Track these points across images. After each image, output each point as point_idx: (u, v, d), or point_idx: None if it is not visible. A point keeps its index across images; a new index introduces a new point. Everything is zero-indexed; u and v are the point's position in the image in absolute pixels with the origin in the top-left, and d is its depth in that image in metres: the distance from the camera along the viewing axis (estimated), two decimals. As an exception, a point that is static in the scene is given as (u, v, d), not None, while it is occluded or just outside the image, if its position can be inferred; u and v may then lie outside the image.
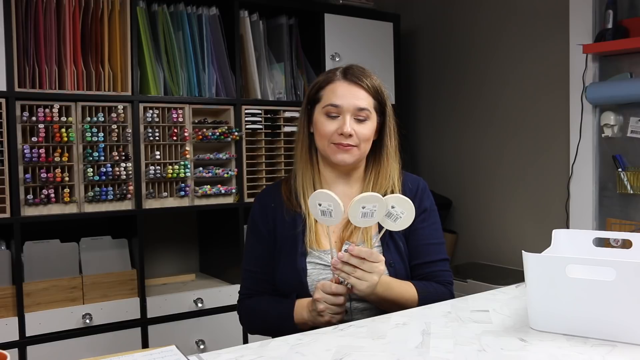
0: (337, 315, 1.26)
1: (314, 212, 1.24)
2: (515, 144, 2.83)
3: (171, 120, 2.31)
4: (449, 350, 0.98)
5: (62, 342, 2.11)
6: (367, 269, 1.22)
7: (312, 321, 1.29)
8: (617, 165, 2.37)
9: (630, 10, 2.34)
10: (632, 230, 2.32)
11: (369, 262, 1.22)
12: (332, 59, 2.71)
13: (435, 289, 1.39)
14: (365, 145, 1.40)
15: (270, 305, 1.39)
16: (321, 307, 1.24)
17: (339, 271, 1.22)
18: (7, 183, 2.01)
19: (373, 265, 1.22)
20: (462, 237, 3.12)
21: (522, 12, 2.77)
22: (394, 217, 1.23)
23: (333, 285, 1.25)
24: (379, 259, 1.23)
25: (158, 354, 0.99)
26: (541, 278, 1.04)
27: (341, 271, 1.22)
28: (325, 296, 1.25)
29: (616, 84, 2.32)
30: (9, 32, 2.00)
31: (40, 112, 2.05)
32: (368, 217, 1.22)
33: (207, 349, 2.36)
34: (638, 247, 1.21)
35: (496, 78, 2.91)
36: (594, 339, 1.01)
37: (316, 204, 1.22)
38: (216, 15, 2.47)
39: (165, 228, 2.70)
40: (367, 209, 1.21)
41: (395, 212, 1.23)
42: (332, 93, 1.38)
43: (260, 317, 1.41)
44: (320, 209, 1.22)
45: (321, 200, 1.22)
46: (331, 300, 1.24)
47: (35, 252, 2.11)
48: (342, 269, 1.22)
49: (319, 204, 1.22)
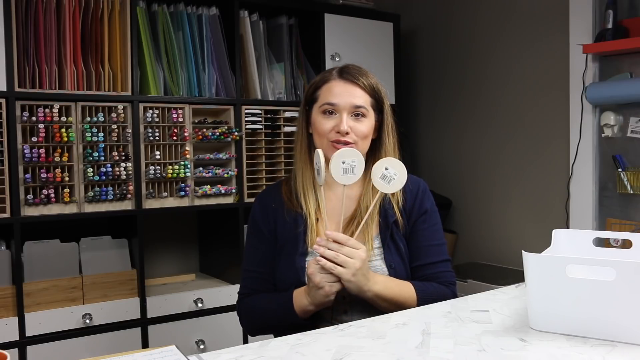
0: (334, 284, 1.26)
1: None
2: (515, 144, 2.83)
3: (171, 120, 2.31)
4: (449, 350, 0.98)
5: (62, 342, 2.11)
6: (347, 253, 1.24)
7: (313, 302, 1.29)
8: (617, 165, 2.37)
9: (630, 10, 2.34)
10: (632, 230, 2.32)
11: (347, 247, 1.25)
12: (332, 59, 2.71)
13: (436, 289, 1.39)
14: (364, 143, 1.40)
15: (269, 300, 1.39)
16: (317, 280, 1.25)
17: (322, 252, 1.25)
18: (7, 183, 2.01)
19: (352, 251, 1.25)
20: (462, 237, 3.12)
21: (522, 12, 2.77)
22: (387, 179, 1.27)
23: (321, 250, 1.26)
24: (358, 245, 1.26)
25: (158, 354, 0.99)
26: (541, 278, 1.04)
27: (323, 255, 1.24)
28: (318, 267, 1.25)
29: (616, 84, 2.32)
30: (9, 32, 2.00)
31: (40, 112, 2.05)
32: (349, 173, 1.27)
33: (207, 349, 2.36)
34: (638, 247, 1.21)
35: (496, 78, 2.91)
36: (594, 339, 1.01)
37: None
38: (216, 15, 2.47)
39: (165, 228, 2.70)
40: (347, 164, 1.26)
41: (388, 173, 1.26)
42: (329, 92, 1.39)
43: (260, 313, 1.41)
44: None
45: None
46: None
47: (35, 252, 2.11)
48: (324, 253, 1.24)
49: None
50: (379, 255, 1.39)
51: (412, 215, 1.43)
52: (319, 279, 1.25)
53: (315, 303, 1.29)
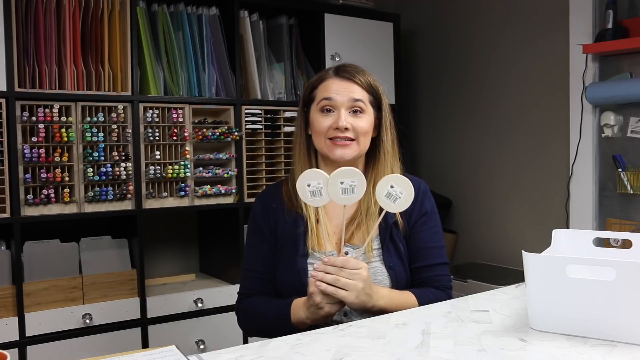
0: (335, 305, 1.24)
1: (303, 195, 1.22)
2: (515, 143, 2.83)
3: (171, 120, 2.31)
4: (449, 350, 0.98)
5: (62, 342, 2.11)
6: (347, 276, 1.22)
7: (311, 318, 1.27)
8: (617, 165, 2.37)
9: (630, 10, 2.34)
10: (632, 230, 2.32)
11: (347, 270, 1.22)
12: (332, 59, 2.71)
13: (435, 296, 1.39)
14: (364, 139, 1.38)
15: (267, 305, 1.38)
16: (318, 300, 1.23)
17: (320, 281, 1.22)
18: (7, 183, 2.01)
19: (352, 272, 1.22)
20: (462, 237, 3.12)
21: (522, 12, 2.77)
22: (393, 198, 1.21)
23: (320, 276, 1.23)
24: (358, 265, 1.23)
25: (158, 354, 0.99)
26: (541, 278, 1.04)
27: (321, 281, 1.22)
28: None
29: (616, 84, 2.32)
30: (9, 32, 2.00)
31: (40, 112, 2.05)
32: (349, 194, 1.20)
33: (207, 349, 2.36)
34: (638, 247, 1.21)
35: (496, 78, 2.91)
36: (594, 339, 1.01)
37: (305, 184, 1.21)
38: (216, 15, 2.47)
39: (165, 228, 2.70)
40: (346, 184, 1.19)
41: (394, 192, 1.20)
42: (325, 90, 1.38)
43: (257, 317, 1.40)
44: (309, 189, 1.21)
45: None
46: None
47: (35, 252, 2.11)
48: (323, 278, 1.21)
49: (308, 185, 1.21)
50: (378, 256, 1.38)
51: (412, 217, 1.43)
52: (320, 299, 1.23)
53: (313, 319, 1.28)
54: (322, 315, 1.25)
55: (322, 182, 1.20)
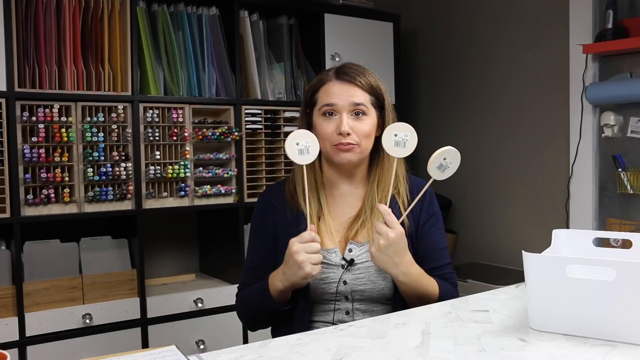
0: (316, 265, 1.26)
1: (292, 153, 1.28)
2: (515, 143, 2.83)
3: (171, 120, 2.31)
4: (449, 350, 0.98)
5: (62, 342, 2.11)
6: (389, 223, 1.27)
7: (287, 279, 1.28)
8: (617, 165, 2.37)
9: (630, 10, 2.34)
10: (632, 230, 2.32)
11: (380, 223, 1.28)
12: (332, 59, 2.71)
13: (451, 290, 1.41)
14: (367, 142, 1.39)
15: (253, 288, 1.40)
16: (301, 258, 1.24)
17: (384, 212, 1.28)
18: (7, 183, 2.01)
19: (383, 228, 1.26)
20: (462, 237, 3.12)
21: (522, 12, 2.77)
22: (443, 168, 1.32)
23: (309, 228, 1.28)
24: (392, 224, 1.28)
25: (158, 354, 0.99)
26: (541, 278, 1.04)
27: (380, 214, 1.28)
28: (302, 246, 1.26)
29: (616, 84, 2.32)
30: (9, 32, 2.00)
31: (40, 112, 2.05)
32: (400, 147, 1.32)
33: (207, 349, 2.36)
34: (638, 247, 1.21)
35: (496, 78, 2.91)
36: (594, 339, 1.01)
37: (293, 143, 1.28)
38: (216, 15, 2.47)
39: (165, 228, 2.70)
40: (399, 137, 1.31)
41: (445, 163, 1.32)
42: (326, 94, 1.39)
43: (246, 303, 1.42)
44: (298, 147, 1.29)
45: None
46: (309, 248, 1.26)
47: (35, 252, 2.11)
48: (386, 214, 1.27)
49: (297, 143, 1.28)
50: None
51: (421, 217, 1.44)
52: (303, 258, 1.25)
53: (290, 282, 1.29)
54: (300, 277, 1.26)
55: (309, 141, 1.29)
